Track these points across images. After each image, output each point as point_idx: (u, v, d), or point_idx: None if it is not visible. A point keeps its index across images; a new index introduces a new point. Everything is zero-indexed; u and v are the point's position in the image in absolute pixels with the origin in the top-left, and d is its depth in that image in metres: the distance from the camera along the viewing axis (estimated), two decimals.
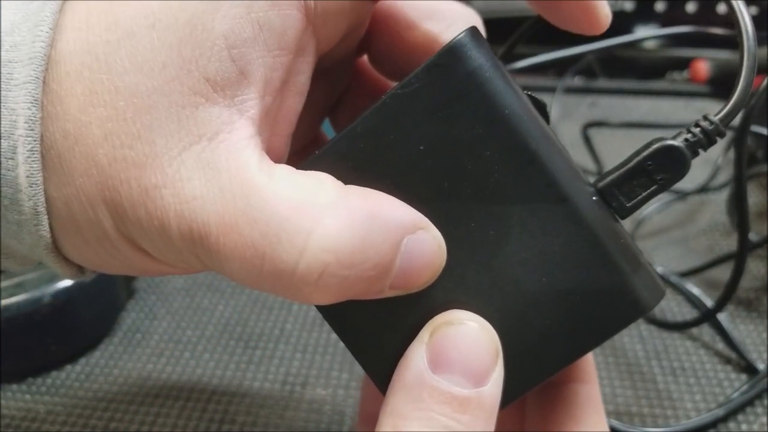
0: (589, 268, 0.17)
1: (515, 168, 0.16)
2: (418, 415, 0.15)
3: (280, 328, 0.36)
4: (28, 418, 0.31)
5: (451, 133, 0.16)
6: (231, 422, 0.30)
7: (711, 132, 0.17)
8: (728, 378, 0.32)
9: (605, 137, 0.53)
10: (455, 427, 0.15)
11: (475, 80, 0.16)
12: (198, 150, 0.14)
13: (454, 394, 0.15)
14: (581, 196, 0.17)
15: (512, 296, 0.17)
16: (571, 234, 0.16)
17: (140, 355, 0.35)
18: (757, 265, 0.40)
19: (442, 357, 0.16)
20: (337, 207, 0.14)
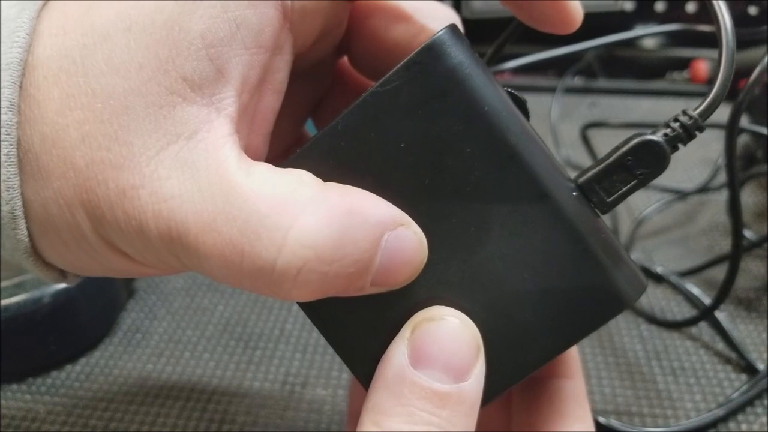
0: (570, 264, 0.17)
1: (495, 164, 0.16)
2: (399, 410, 0.15)
3: (280, 329, 0.36)
4: (28, 418, 0.31)
5: (431, 130, 0.16)
6: (231, 422, 0.30)
7: (690, 126, 0.17)
8: (728, 378, 0.32)
9: (605, 138, 0.53)
10: (435, 422, 0.15)
11: (454, 77, 0.16)
12: (176, 149, 0.14)
13: (434, 389, 0.15)
14: (561, 192, 0.17)
15: (494, 292, 0.17)
16: (552, 230, 0.17)
17: (140, 355, 0.35)
18: (757, 265, 0.40)
19: (423, 353, 0.16)
20: (316, 203, 0.14)
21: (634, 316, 0.36)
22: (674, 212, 0.46)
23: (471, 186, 0.17)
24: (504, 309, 0.17)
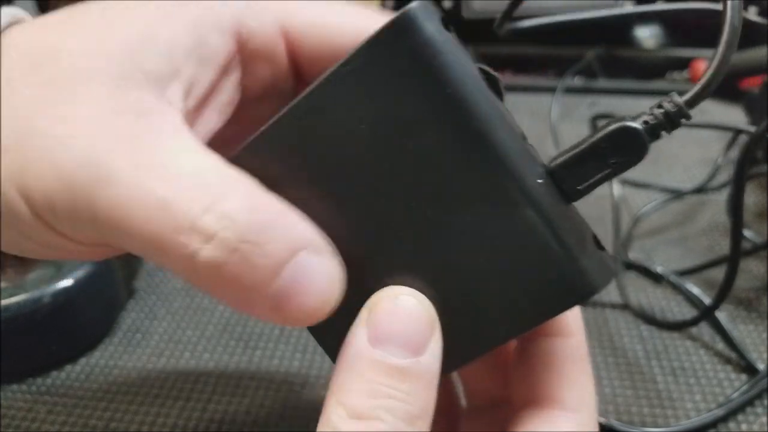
0: (533, 247, 0.16)
1: (461, 146, 0.16)
2: (360, 387, 0.16)
3: (280, 329, 0.36)
4: (29, 418, 0.31)
5: (395, 110, 0.16)
6: (231, 422, 0.30)
7: (674, 114, 0.16)
8: (728, 378, 0.32)
9: None
10: (396, 395, 0.16)
11: (421, 56, 0.15)
12: (122, 121, 0.15)
13: (392, 364, 0.16)
14: (529, 176, 0.16)
15: (457, 274, 0.17)
16: (516, 215, 0.16)
17: (140, 355, 0.35)
18: (757, 265, 0.40)
19: (380, 331, 0.16)
20: (248, 191, 0.15)
21: (633, 317, 0.36)
22: (674, 212, 0.46)
23: (435, 168, 0.16)
24: (466, 289, 0.17)
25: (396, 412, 0.16)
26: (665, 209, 0.46)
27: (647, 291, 0.38)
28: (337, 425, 0.16)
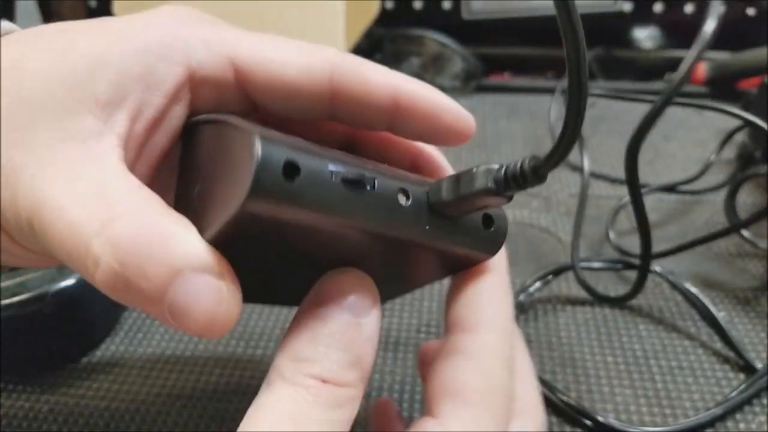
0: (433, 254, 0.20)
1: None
2: (302, 336, 0.18)
3: (281, 328, 0.36)
4: (29, 417, 0.31)
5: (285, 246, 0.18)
6: (231, 421, 0.30)
7: (523, 177, 0.18)
8: (726, 377, 0.32)
9: None
10: (332, 344, 0.18)
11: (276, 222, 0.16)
12: (68, 147, 0.17)
13: (335, 319, 0.18)
14: (414, 229, 0.19)
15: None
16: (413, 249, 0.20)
17: (141, 354, 0.35)
18: (756, 264, 0.40)
19: (325, 294, 0.18)
20: (139, 215, 0.16)
21: (632, 316, 0.36)
22: (671, 211, 0.46)
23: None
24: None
25: (332, 357, 0.17)
26: (663, 208, 0.46)
27: (646, 291, 0.38)
28: (279, 368, 0.18)
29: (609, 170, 0.52)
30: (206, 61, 0.19)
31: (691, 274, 0.40)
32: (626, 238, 0.43)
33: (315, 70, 0.19)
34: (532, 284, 0.38)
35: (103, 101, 0.18)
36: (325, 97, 0.20)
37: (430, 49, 0.66)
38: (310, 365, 0.17)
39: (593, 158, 0.54)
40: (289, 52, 0.20)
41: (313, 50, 0.20)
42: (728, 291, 0.38)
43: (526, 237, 0.44)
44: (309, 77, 0.19)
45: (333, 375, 0.17)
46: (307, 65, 0.19)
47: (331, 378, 0.17)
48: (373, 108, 0.20)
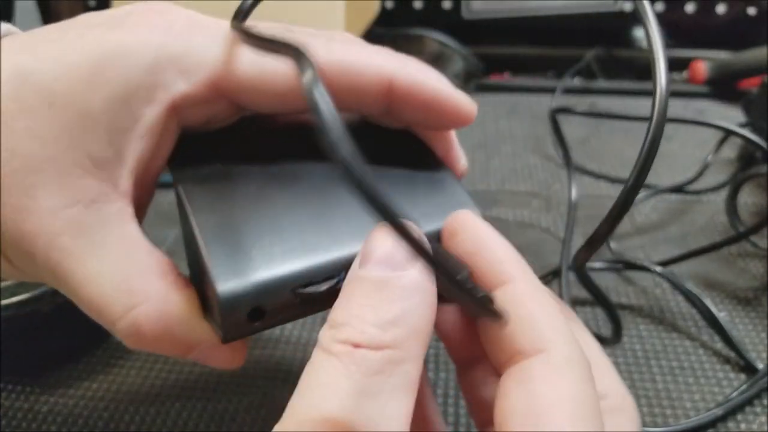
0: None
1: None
2: (340, 303, 0.16)
3: (281, 328, 0.36)
4: (28, 418, 0.31)
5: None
6: (231, 421, 0.30)
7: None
8: (727, 377, 0.32)
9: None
10: (367, 304, 0.16)
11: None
12: (74, 213, 0.17)
13: (371, 277, 0.16)
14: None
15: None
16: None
17: (141, 354, 0.35)
18: (756, 264, 0.40)
19: (366, 253, 0.17)
20: (159, 302, 0.18)
21: (632, 316, 0.36)
22: (672, 211, 0.46)
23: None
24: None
25: (363, 317, 0.16)
26: (664, 208, 0.46)
27: (646, 291, 0.38)
28: (320, 337, 0.16)
29: (609, 170, 0.52)
30: (187, 92, 0.19)
31: (692, 275, 0.39)
32: (626, 238, 0.43)
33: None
34: None
35: (100, 161, 0.18)
36: None
37: (431, 49, 0.66)
38: (340, 330, 0.16)
39: (593, 158, 0.54)
40: (272, 61, 0.19)
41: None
42: (729, 291, 0.38)
43: (526, 237, 0.44)
44: (294, 86, 0.19)
45: (365, 338, 0.15)
46: (290, 76, 0.19)
47: (363, 341, 0.15)
48: (367, 97, 0.20)
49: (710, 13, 0.68)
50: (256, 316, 0.17)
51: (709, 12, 0.68)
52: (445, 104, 0.20)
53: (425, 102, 0.20)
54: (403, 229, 0.13)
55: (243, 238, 0.18)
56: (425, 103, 0.20)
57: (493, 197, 0.49)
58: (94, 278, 0.18)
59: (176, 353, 0.19)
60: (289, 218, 0.19)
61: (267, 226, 0.18)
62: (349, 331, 0.15)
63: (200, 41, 0.19)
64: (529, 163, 0.53)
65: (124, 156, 0.18)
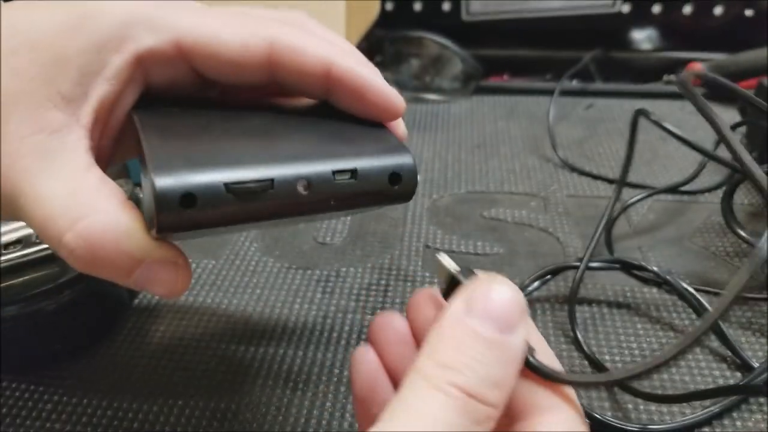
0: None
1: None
2: (450, 344, 0.18)
3: (282, 327, 0.36)
4: (31, 416, 0.31)
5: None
6: (232, 420, 0.31)
7: None
8: (723, 376, 0.33)
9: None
10: (480, 360, 0.18)
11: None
12: (39, 139, 0.20)
13: (483, 334, 0.18)
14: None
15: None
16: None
17: (143, 353, 0.35)
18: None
19: (476, 306, 0.18)
20: (105, 213, 0.19)
21: (630, 315, 0.37)
22: (669, 211, 0.46)
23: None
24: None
25: (478, 371, 0.17)
26: (661, 209, 0.47)
27: (643, 290, 0.39)
28: (424, 370, 0.18)
29: (607, 171, 0.52)
30: (153, 46, 0.21)
31: (688, 274, 0.40)
32: (623, 239, 0.43)
33: (251, 46, 0.21)
34: (530, 284, 0.38)
35: (68, 97, 0.20)
36: (264, 70, 0.22)
37: (430, 51, 0.66)
38: (454, 374, 0.17)
39: (592, 159, 0.54)
40: (228, 31, 0.22)
41: (251, 28, 0.22)
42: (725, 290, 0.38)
43: (524, 237, 0.44)
44: (245, 53, 0.22)
45: (479, 391, 0.17)
46: (244, 43, 0.21)
47: (477, 394, 0.17)
48: (308, 79, 0.22)
49: (707, 15, 0.69)
50: (188, 203, 0.18)
51: (706, 14, 0.69)
52: (374, 94, 0.23)
53: (357, 90, 0.23)
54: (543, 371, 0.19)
55: (186, 148, 0.20)
56: (357, 91, 0.23)
57: (492, 198, 0.49)
58: (45, 196, 0.19)
59: (121, 272, 0.20)
60: (231, 142, 0.21)
61: (209, 144, 0.20)
62: (463, 379, 0.17)
63: (170, 6, 0.22)
64: (527, 164, 0.54)
65: (90, 95, 0.21)
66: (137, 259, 0.20)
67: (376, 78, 0.23)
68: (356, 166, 0.20)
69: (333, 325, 0.37)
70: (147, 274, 0.20)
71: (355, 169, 0.20)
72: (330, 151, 0.21)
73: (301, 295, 0.39)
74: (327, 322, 0.37)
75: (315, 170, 0.20)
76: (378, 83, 0.23)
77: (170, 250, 0.21)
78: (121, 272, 0.20)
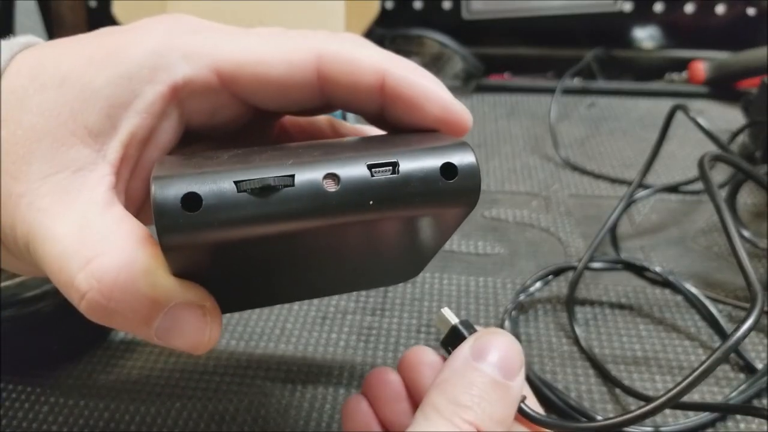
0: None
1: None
2: (462, 383, 0.20)
3: (281, 328, 0.36)
4: (29, 418, 0.31)
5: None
6: (231, 421, 0.30)
7: None
8: (726, 377, 0.32)
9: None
10: (488, 399, 0.20)
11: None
12: (61, 178, 0.18)
13: (491, 376, 0.21)
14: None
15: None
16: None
17: (141, 354, 0.35)
18: (756, 264, 0.40)
19: (484, 352, 0.21)
20: (120, 252, 0.17)
21: (632, 316, 0.37)
22: (672, 212, 0.46)
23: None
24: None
25: (485, 409, 0.20)
26: (664, 209, 0.46)
27: (645, 290, 0.38)
28: (436, 403, 0.20)
29: (609, 170, 0.52)
30: (190, 75, 0.19)
31: (691, 274, 0.40)
32: (626, 239, 0.43)
33: (297, 63, 0.19)
34: (532, 284, 0.38)
35: (95, 132, 0.18)
36: (314, 88, 0.20)
37: (431, 49, 0.66)
38: (465, 411, 0.20)
39: (594, 158, 0.54)
40: (270, 49, 0.19)
41: (295, 43, 0.20)
42: (728, 291, 0.38)
43: (525, 237, 0.44)
44: (292, 72, 0.19)
45: (487, 426, 0.20)
46: (288, 61, 0.19)
47: (485, 429, 0.20)
48: (362, 92, 0.20)
49: (710, 14, 0.68)
50: (192, 204, 0.15)
51: (708, 12, 0.68)
52: (435, 106, 0.20)
53: (415, 101, 0.20)
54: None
55: (198, 164, 0.17)
56: (416, 103, 0.20)
57: (493, 197, 0.49)
58: (58, 234, 0.18)
59: (140, 319, 0.18)
60: (250, 155, 0.18)
61: (224, 159, 0.17)
62: (473, 415, 0.20)
63: (205, 33, 0.20)
64: (528, 164, 0.53)
65: (119, 128, 0.19)
66: (158, 302, 0.17)
67: (437, 88, 0.20)
68: (397, 159, 0.17)
69: (333, 325, 0.36)
70: (170, 321, 0.18)
71: (396, 161, 0.17)
72: (368, 149, 0.17)
73: None
74: (326, 322, 0.37)
75: (346, 164, 0.16)
76: (439, 94, 0.20)
77: (196, 292, 0.18)
78: (140, 320, 0.18)
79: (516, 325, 0.36)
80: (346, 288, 0.26)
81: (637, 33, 0.71)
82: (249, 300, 0.23)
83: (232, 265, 0.18)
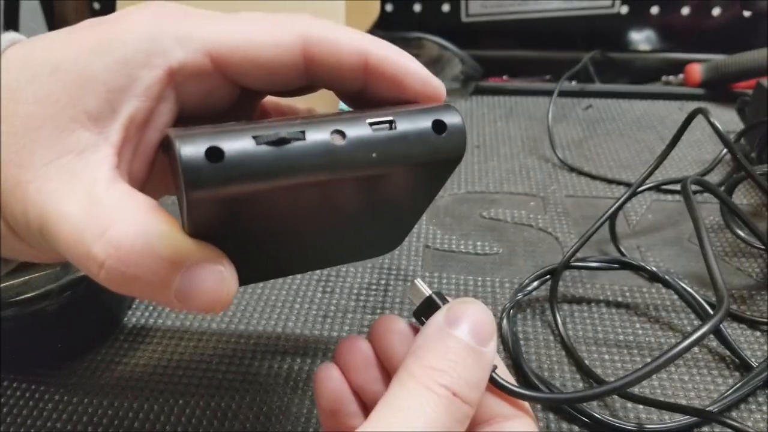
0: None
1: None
2: (436, 348, 0.21)
3: (282, 327, 0.37)
4: (32, 416, 0.31)
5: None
6: (233, 419, 0.31)
7: None
8: (722, 375, 0.33)
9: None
10: (463, 364, 0.20)
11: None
12: (65, 161, 0.19)
13: (466, 342, 0.21)
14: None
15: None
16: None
17: (144, 352, 0.35)
18: (751, 263, 0.41)
19: (457, 317, 0.21)
20: (134, 219, 0.18)
21: (628, 315, 0.37)
22: (668, 211, 0.47)
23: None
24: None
25: (460, 373, 0.20)
26: (661, 209, 0.47)
27: (642, 290, 0.39)
28: (412, 370, 0.20)
29: (606, 171, 0.52)
30: (184, 59, 0.20)
31: (687, 273, 0.40)
32: (622, 238, 0.43)
33: (285, 45, 0.20)
34: (529, 283, 0.39)
35: (95, 116, 0.19)
36: (300, 68, 0.21)
37: (430, 52, 0.66)
38: (441, 375, 0.20)
39: (591, 159, 0.54)
40: (260, 33, 0.21)
41: (282, 25, 0.21)
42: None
43: (523, 237, 0.44)
44: (281, 54, 0.21)
45: (462, 390, 0.20)
46: (276, 43, 0.20)
47: (460, 393, 0.20)
48: (346, 71, 0.21)
49: (705, 16, 0.69)
50: (215, 157, 0.17)
51: (704, 15, 0.69)
52: (414, 80, 0.22)
53: (396, 77, 0.22)
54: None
55: (214, 129, 0.18)
56: (396, 79, 0.22)
57: (491, 198, 0.49)
58: (69, 212, 0.18)
59: (160, 282, 0.18)
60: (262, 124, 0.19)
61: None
62: (448, 379, 0.20)
63: (194, 18, 0.21)
64: (526, 165, 0.54)
65: (119, 112, 0.19)
66: (175, 262, 0.18)
67: (416, 65, 0.22)
68: (394, 118, 0.19)
69: (333, 324, 0.37)
70: (189, 282, 0.18)
71: (393, 119, 0.19)
72: (365, 113, 0.20)
73: (302, 295, 0.39)
74: (327, 321, 0.37)
75: (350, 122, 0.19)
76: (417, 69, 0.22)
77: (212, 251, 0.19)
78: (159, 282, 0.18)
79: (514, 324, 0.36)
80: (339, 259, 0.27)
81: (634, 35, 0.71)
82: (256, 271, 0.24)
83: (244, 227, 0.20)
